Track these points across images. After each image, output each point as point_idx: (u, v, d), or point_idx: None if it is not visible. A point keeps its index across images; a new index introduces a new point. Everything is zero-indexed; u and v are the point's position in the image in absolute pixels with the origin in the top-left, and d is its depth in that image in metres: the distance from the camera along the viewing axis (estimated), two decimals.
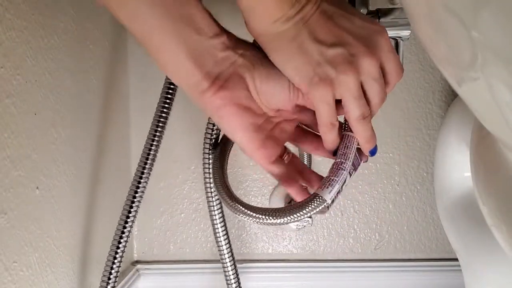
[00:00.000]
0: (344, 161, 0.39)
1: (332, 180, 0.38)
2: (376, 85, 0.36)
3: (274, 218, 0.38)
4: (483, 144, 0.40)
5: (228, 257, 0.55)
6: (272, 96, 0.37)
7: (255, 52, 0.36)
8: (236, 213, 0.39)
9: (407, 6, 0.30)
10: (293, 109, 0.39)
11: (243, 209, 0.39)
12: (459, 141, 0.66)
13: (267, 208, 0.39)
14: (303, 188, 0.41)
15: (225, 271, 0.57)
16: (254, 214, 0.38)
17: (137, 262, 0.88)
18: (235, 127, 0.37)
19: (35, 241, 0.52)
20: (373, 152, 0.40)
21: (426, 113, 0.85)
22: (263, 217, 0.38)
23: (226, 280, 0.57)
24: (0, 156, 0.46)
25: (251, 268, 0.87)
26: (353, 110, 0.36)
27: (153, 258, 0.88)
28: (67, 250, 0.60)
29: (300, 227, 0.58)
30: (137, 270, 0.86)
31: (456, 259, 0.70)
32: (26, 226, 0.50)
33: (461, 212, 0.67)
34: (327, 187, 0.38)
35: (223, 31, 0.35)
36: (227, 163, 0.50)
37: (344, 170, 0.38)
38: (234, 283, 0.57)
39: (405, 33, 0.49)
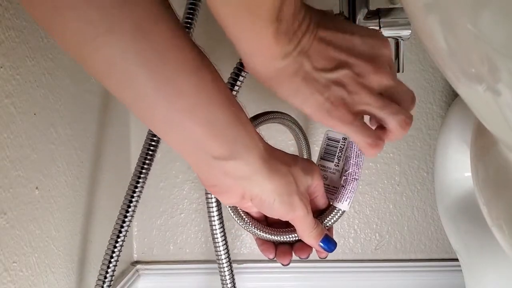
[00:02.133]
0: (357, 171, 0.41)
1: (350, 192, 0.40)
2: (397, 91, 0.36)
3: (293, 236, 0.41)
4: (483, 144, 0.40)
5: (225, 259, 0.55)
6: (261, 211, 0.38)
7: (261, 188, 0.35)
8: (256, 235, 0.42)
9: (407, 6, 0.30)
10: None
11: (260, 233, 0.41)
12: (459, 141, 0.66)
13: (282, 230, 0.41)
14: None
15: (220, 272, 0.57)
16: (274, 238, 0.41)
17: (137, 262, 0.88)
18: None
19: (35, 241, 0.52)
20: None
21: (427, 113, 0.85)
22: (282, 237, 0.41)
23: (222, 281, 0.57)
24: (0, 156, 0.46)
25: (251, 269, 0.87)
26: (388, 119, 0.36)
27: (153, 258, 0.88)
28: (66, 251, 0.60)
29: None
30: (137, 270, 0.86)
31: (457, 260, 0.70)
32: (26, 226, 0.50)
33: (462, 212, 0.67)
34: (346, 200, 0.40)
35: (237, 158, 0.33)
36: None
37: (358, 179, 0.41)
38: (230, 283, 0.57)
39: (405, 32, 0.48)
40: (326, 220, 0.41)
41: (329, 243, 0.39)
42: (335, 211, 0.40)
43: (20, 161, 0.49)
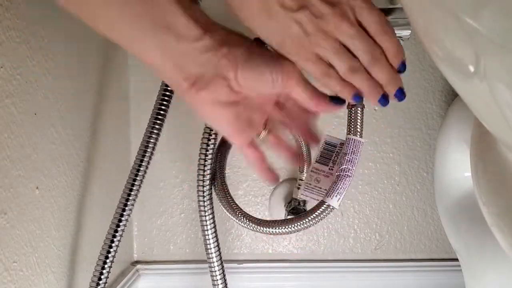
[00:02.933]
0: (351, 168, 0.41)
1: (340, 188, 0.41)
2: (355, 42, 0.35)
3: (286, 227, 0.40)
4: (483, 143, 0.40)
5: (216, 259, 0.55)
6: (254, 89, 0.37)
7: (241, 49, 0.35)
8: (251, 229, 0.42)
9: (406, 6, 0.30)
10: (276, 97, 0.40)
11: (255, 225, 0.42)
12: (459, 141, 0.66)
13: (276, 220, 0.42)
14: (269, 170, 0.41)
15: (211, 271, 0.57)
16: (268, 230, 0.42)
17: (137, 262, 0.88)
18: (216, 121, 0.38)
19: (35, 241, 0.52)
20: (399, 96, 0.38)
21: (426, 113, 0.85)
22: (274, 229, 0.42)
23: (213, 281, 0.57)
24: (0, 156, 0.46)
25: (252, 269, 0.87)
26: (338, 66, 0.36)
27: (153, 258, 0.88)
28: (67, 250, 0.60)
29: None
30: (137, 270, 0.86)
31: (456, 259, 0.70)
32: (26, 226, 0.50)
33: (462, 212, 0.67)
34: (336, 196, 0.41)
35: (207, 31, 0.34)
36: (225, 164, 0.50)
37: (351, 176, 0.41)
38: (221, 284, 0.57)
39: (405, 33, 0.48)
40: (314, 215, 0.41)
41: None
42: (324, 206, 0.40)
43: (20, 161, 0.49)
